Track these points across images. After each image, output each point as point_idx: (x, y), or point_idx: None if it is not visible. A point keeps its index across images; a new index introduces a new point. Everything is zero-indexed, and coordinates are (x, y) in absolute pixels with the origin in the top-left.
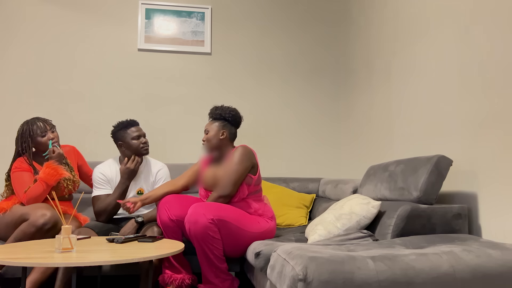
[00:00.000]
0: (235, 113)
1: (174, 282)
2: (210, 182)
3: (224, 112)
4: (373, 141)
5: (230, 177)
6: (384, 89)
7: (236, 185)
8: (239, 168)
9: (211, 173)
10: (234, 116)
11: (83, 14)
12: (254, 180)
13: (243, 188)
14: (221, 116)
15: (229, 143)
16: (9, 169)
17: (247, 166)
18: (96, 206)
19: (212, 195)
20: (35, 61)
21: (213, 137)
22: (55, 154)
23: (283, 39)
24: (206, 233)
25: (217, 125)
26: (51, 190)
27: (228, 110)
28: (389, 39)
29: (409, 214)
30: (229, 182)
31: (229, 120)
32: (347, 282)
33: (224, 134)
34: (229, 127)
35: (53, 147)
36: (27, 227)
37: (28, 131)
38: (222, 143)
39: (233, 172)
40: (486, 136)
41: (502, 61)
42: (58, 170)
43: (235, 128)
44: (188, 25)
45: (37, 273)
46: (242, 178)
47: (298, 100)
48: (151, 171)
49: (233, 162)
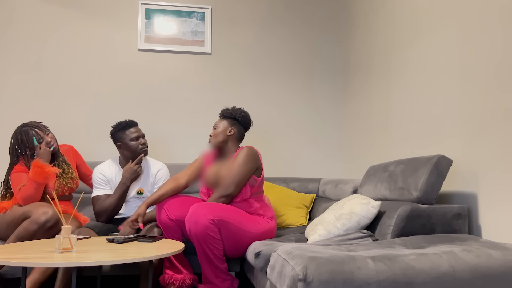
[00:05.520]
0: (246, 115)
1: (175, 282)
2: (212, 181)
3: (236, 112)
4: (373, 141)
5: (234, 178)
6: (384, 88)
7: (239, 186)
8: (243, 169)
9: (214, 171)
10: (244, 118)
11: (83, 14)
12: (257, 182)
13: (246, 189)
14: (231, 115)
15: (236, 141)
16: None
17: (252, 168)
18: (97, 207)
19: (214, 195)
20: (34, 60)
21: (220, 133)
22: (41, 151)
23: (283, 39)
24: (206, 233)
25: (226, 122)
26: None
27: (240, 112)
28: (389, 38)
29: (409, 214)
30: (232, 182)
31: (239, 120)
32: (347, 282)
33: (232, 131)
34: (238, 127)
35: (39, 145)
36: (29, 224)
37: (25, 142)
38: (229, 139)
39: (237, 173)
40: (486, 136)
41: (502, 61)
42: (44, 168)
43: (244, 130)
44: (188, 25)
45: (37, 273)
46: (246, 180)
47: (298, 100)
48: (150, 171)
49: (238, 163)
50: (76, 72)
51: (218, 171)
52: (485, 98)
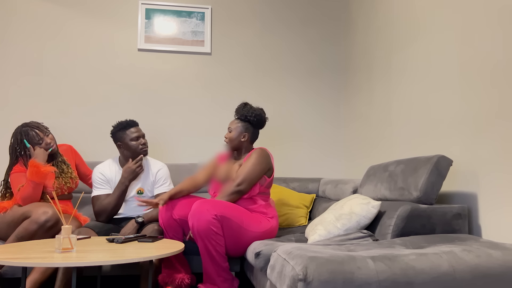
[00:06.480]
0: (259, 115)
1: (173, 282)
2: (223, 176)
3: (250, 113)
4: (373, 141)
5: (246, 175)
6: (384, 88)
7: (251, 184)
8: (257, 168)
9: (226, 168)
10: (258, 120)
11: (83, 14)
12: (267, 182)
13: (255, 186)
14: (246, 118)
15: (249, 145)
16: (6, 176)
17: (264, 168)
18: (96, 206)
19: (225, 190)
20: (34, 60)
21: (235, 139)
22: (36, 151)
23: (283, 39)
24: (209, 228)
25: (240, 126)
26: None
27: (254, 113)
28: (389, 38)
29: (409, 214)
30: (244, 179)
31: (253, 123)
32: (347, 282)
33: (245, 137)
34: (251, 130)
35: (31, 146)
36: (29, 224)
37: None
38: (243, 145)
39: (250, 171)
40: (486, 136)
41: (502, 60)
42: (40, 168)
43: (258, 130)
44: (188, 25)
45: (37, 273)
46: (258, 179)
47: (298, 99)
48: (151, 171)
49: (252, 162)
50: (76, 72)
51: (230, 168)
52: (485, 98)
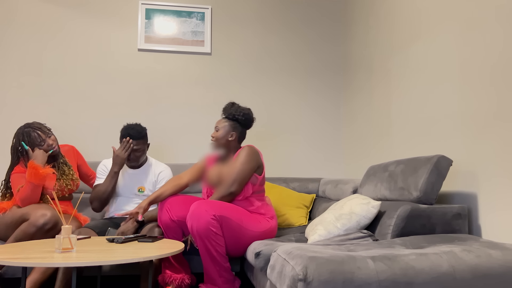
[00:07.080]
0: (248, 115)
1: (174, 282)
2: (214, 180)
3: (238, 112)
4: (373, 141)
5: (236, 176)
6: (384, 88)
7: (241, 184)
8: (245, 167)
9: (216, 171)
10: (246, 119)
11: (83, 14)
12: (259, 180)
13: (248, 187)
14: (234, 117)
15: (237, 144)
16: (7, 176)
17: (253, 166)
18: (92, 193)
19: (217, 193)
20: (35, 60)
21: (222, 138)
22: (35, 153)
23: (283, 38)
24: (208, 228)
25: (227, 125)
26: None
27: (242, 112)
28: (389, 38)
29: (409, 214)
30: (234, 180)
31: (241, 122)
32: (347, 282)
33: (233, 136)
34: (239, 130)
35: (29, 148)
36: (27, 227)
37: (27, 143)
38: (230, 144)
39: (239, 171)
40: (486, 136)
41: (502, 60)
42: (38, 169)
43: (246, 130)
44: (188, 25)
45: (37, 273)
46: (248, 178)
47: (298, 99)
48: (153, 171)
49: (240, 162)
50: (76, 72)
51: (220, 171)
52: (485, 98)
